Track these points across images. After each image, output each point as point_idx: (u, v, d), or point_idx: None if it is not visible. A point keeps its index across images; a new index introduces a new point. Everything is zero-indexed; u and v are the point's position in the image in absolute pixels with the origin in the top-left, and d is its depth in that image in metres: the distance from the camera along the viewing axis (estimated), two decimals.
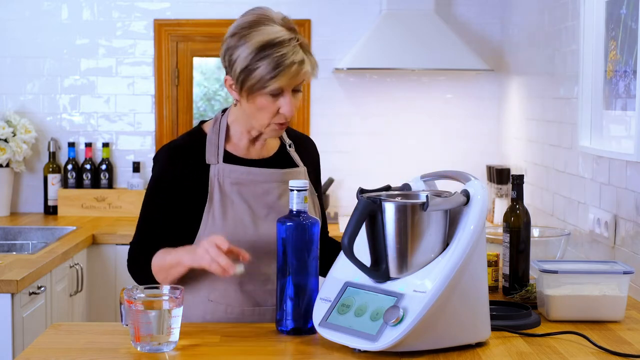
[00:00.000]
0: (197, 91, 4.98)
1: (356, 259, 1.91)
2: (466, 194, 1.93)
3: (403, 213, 1.90)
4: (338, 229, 4.29)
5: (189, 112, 4.83)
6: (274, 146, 2.33)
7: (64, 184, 4.71)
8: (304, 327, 2.04)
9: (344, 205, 4.78)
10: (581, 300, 2.20)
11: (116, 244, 4.11)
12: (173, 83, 4.78)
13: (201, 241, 2.10)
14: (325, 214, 2.46)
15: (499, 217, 4.31)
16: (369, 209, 1.91)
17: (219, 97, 5.15)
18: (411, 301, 1.85)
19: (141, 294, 1.93)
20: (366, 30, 4.64)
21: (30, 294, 3.27)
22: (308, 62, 2.13)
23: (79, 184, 4.72)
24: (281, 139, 2.35)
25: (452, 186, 1.97)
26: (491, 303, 2.05)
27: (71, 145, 4.71)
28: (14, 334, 3.12)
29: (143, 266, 2.21)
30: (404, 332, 1.83)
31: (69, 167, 4.71)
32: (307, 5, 4.77)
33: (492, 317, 2.01)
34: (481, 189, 1.93)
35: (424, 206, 1.89)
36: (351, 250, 1.89)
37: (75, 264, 3.86)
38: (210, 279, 2.22)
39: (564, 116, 3.53)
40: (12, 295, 3.09)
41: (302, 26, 4.74)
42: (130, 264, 2.27)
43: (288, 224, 2.02)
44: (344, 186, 4.79)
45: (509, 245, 2.44)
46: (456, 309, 1.88)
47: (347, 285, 1.98)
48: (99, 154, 4.78)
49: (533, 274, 2.39)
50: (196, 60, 4.89)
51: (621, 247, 2.86)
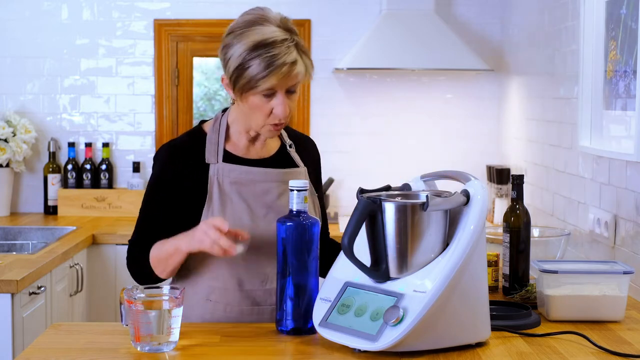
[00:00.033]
0: (197, 91, 4.98)
1: (356, 259, 1.91)
2: (466, 194, 1.93)
3: (403, 213, 1.90)
4: (338, 229, 4.28)
5: (189, 112, 4.83)
6: (274, 146, 2.33)
7: (64, 184, 4.71)
8: (304, 327, 2.03)
9: (344, 205, 4.78)
10: (581, 300, 2.20)
11: (116, 244, 4.11)
12: (173, 83, 4.78)
13: (200, 225, 2.09)
14: (326, 214, 2.45)
15: (499, 217, 4.31)
16: (369, 209, 1.91)
17: (219, 97, 5.15)
18: (411, 301, 1.85)
19: (141, 294, 1.93)
20: (366, 30, 4.64)
21: (30, 294, 3.27)
22: (301, 64, 2.12)
23: (79, 184, 4.72)
24: (281, 139, 2.35)
25: (452, 186, 1.97)
26: (491, 303, 2.05)
27: (71, 145, 4.71)
28: (14, 334, 3.12)
29: (142, 263, 2.21)
30: (404, 332, 1.83)
31: (69, 167, 4.71)
32: (307, 5, 4.77)
33: (492, 317, 2.01)
34: (481, 189, 1.93)
35: (424, 206, 1.89)
36: (351, 250, 1.89)
37: (75, 264, 3.86)
38: (209, 277, 2.22)
39: (564, 116, 3.53)
40: (12, 295, 3.09)
41: (302, 26, 4.74)
42: (129, 261, 2.26)
43: (288, 224, 2.02)
44: (344, 186, 4.79)
45: (509, 245, 2.44)
46: (456, 309, 1.88)
47: (347, 285, 1.98)
48: (99, 154, 4.78)
49: (533, 274, 2.39)
50: (196, 60, 4.89)
51: (621, 247, 2.85)
